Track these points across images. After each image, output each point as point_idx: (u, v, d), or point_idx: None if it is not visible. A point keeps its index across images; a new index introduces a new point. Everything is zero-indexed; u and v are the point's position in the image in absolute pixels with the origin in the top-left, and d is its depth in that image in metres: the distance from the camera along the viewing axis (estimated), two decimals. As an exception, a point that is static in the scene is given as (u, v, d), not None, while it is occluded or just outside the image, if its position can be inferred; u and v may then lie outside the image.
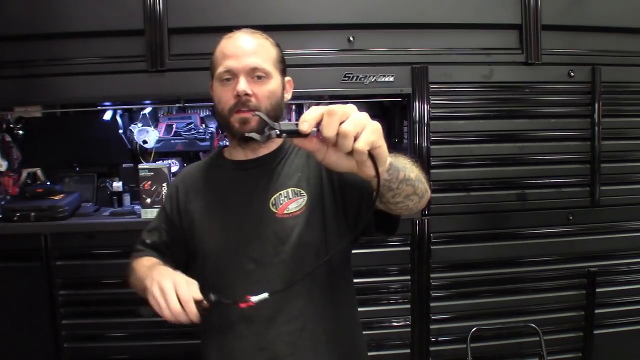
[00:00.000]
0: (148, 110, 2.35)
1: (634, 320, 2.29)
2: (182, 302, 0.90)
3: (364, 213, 1.06)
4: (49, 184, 2.26)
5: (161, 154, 2.38)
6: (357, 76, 2.06)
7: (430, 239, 2.13)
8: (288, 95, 1.20)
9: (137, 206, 2.16)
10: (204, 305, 0.92)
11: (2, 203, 2.11)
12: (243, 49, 1.09)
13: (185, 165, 2.43)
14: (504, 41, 2.15)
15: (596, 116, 2.19)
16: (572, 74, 2.17)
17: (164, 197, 1.27)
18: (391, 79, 2.08)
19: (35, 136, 2.30)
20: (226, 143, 2.40)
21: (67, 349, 2.06)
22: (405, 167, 0.90)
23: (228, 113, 1.10)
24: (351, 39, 2.07)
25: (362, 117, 0.72)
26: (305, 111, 2.16)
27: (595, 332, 2.24)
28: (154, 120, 2.39)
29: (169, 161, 2.33)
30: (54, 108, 2.33)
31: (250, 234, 1.10)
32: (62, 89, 2.04)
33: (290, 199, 1.10)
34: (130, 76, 2.02)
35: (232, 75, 1.09)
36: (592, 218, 2.23)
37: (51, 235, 2.01)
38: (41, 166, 2.36)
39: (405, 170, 0.89)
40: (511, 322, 2.18)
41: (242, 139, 1.10)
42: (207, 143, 2.35)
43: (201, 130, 2.36)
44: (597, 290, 2.23)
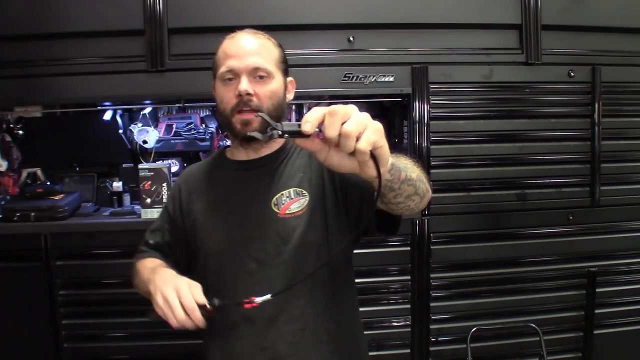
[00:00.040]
0: (148, 110, 2.35)
1: (634, 320, 2.29)
2: (187, 310, 0.91)
3: (365, 213, 1.06)
4: (49, 184, 2.26)
5: (161, 154, 2.38)
6: (357, 76, 2.06)
7: (430, 239, 2.13)
8: (290, 96, 1.20)
9: (137, 206, 2.16)
10: (208, 310, 0.93)
11: (2, 203, 2.11)
12: (245, 49, 1.10)
13: (186, 165, 2.44)
14: (504, 41, 2.15)
15: (596, 116, 2.19)
16: (572, 74, 2.17)
17: (167, 197, 1.27)
18: (391, 79, 2.08)
19: (35, 136, 2.30)
20: (226, 143, 2.41)
21: (67, 349, 2.06)
22: (406, 167, 0.90)
23: (230, 113, 1.10)
24: (351, 39, 2.07)
25: (364, 117, 0.72)
26: (306, 112, 2.18)
27: (595, 332, 2.24)
28: (154, 120, 2.39)
29: (169, 161, 2.33)
30: (54, 108, 2.33)
31: (252, 234, 1.10)
32: (62, 89, 2.04)
33: (292, 199, 1.10)
34: (130, 76, 2.02)
35: (234, 75, 1.09)
36: (592, 218, 2.23)
37: (51, 235, 2.01)
38: (41, 166, 2.36)
39: (407, 170, 0.89)
40: (511, 322, 2.18)
41: (244, 139, 1.10)
42: (207, 143, 2.35)
43: (201, 130, 2.36)
44: (597, 290, 2.23)
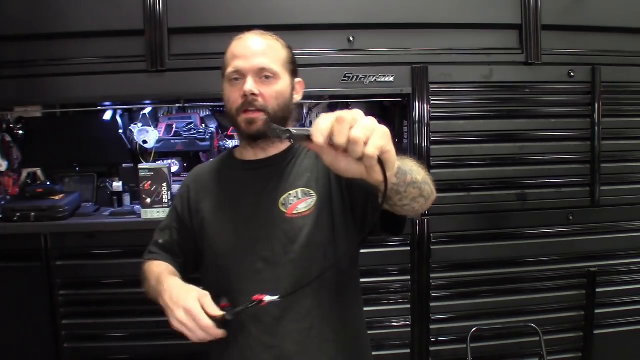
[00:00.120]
0: (148, 110, 2.35)
1: (634, 320, 2.28)
2: (204, 329, 0.92)
3: (370, 214, 1.06)
4: (49, 184, 2.26)
5: (161, 154, 2.39)
6: (357, 76, 2.06)
7: (430, 239, 2.13)
8: (298, 97, 1.20)
9: (137, 206, 2.16)
10: (225, 319, 0.94)
11: (2, 203, 2.11)
12: (252, 50, 1.11)
13: (186, 165, 2.44)
14: (504, 41, 2.15)
15: (596, 116, 2.19)
16: (572, 74, 2.17)
17: (175, 196, 1.28)
18: (391, 79, 2.08)
19: (35, 136, 2.30)
20: (226, 143, 2.42)
21: (67, 349, 2.06)
22: (412, 169, 0.90)
23: (236, 112, 1.11)
24: (351, 39, 2.07)
25: (371, 122, 0.72)
26: (306, 112, 2.18)
27: (595, 332, 2.24)
28: (154, 120, 2.39)
29: (169, 161, 2.33)
30: (53, 108, 2.33)
31: (260, 234, 1.10)
32: (62, 89, 2.04)
33: (299, 199, 1.11)
34: (130, 76, 2.02)
35: (240, 76, 1.10)
36: (592, 218, 2.23)
37: (51, 235, 2.01)
38: (41, 166, 2.36)
39: (412, 173, 0.89)
40: (511, 322, 2.18)
41: (250, 137, 1.12)
42: (207, 143, 2.35)
43: (201, 130, 2.36)
44: (597, 290, 2.23)
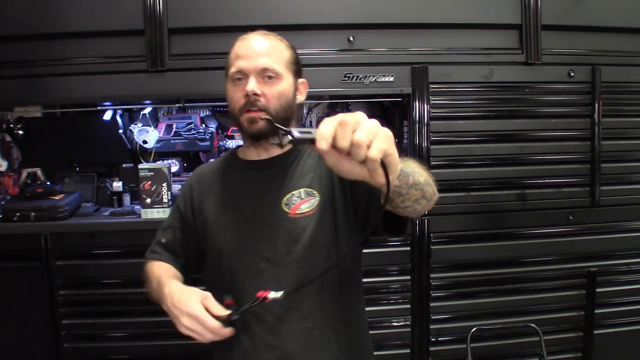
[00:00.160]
0: (148, 110, 2.34)
1: (634, 320, 2.28)
2: (211, 331, 0.94)
3: (372, 215, 1.07)
4: (49, 184, 2.26)
5: (161, 154, 2.38)
6: (357, 76, 2.06)
7: (430, 239, 2.13)
8: (301, 97, 1.20)
9: (137, 206, 2.16)
10: (231, 319, 0.95)
11: (2, 203, 2.11)
12: (255, 50, 1.11)
13: (186, 165, 2.44)
14: (504, 41, 2.15)
15: (596, 116, 2.19)
16: (572, 74, 2.17)
17: (178, 196, 1.29)
18: (391, 79, 2.08)
19: (35, 136, 2.29)
20: (226, 143, 2.42)
21: (67, 349, 2.06)
22: (414, 171, 0.90)
23: (238, 112, 1.11)
24: (351, 39, 2.07)
25: (374, 125, 0.72)
26: (306, 112, 2.18)
27: (595, 332, 2.24)
28: (154, 120, 2.39)
29: (169, 161, 2.33)
30: (53, 108, 2.33)
31: (263, 234, 1.10)
32: (61, 89, 2.04)
33: (302, 199, 1.11)
34: (130, 76, 2.02)
35: (243, 76, 1.10)
36: (592, 218, 2.23)
37: (51, 235, 2.01)
38: (41, 166, 2.35)
39: (415, 175, 0.89)
40: (511, 322, 2.18)
41: (251, 136, 1.13)
42: (207, 143, 2.35)
43: (201, 130, 2.36)
44: (597, 290, 2.23)
